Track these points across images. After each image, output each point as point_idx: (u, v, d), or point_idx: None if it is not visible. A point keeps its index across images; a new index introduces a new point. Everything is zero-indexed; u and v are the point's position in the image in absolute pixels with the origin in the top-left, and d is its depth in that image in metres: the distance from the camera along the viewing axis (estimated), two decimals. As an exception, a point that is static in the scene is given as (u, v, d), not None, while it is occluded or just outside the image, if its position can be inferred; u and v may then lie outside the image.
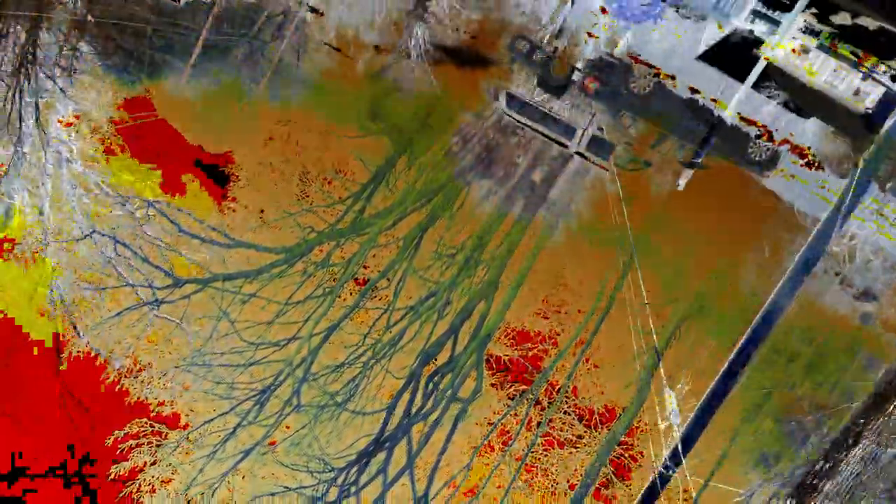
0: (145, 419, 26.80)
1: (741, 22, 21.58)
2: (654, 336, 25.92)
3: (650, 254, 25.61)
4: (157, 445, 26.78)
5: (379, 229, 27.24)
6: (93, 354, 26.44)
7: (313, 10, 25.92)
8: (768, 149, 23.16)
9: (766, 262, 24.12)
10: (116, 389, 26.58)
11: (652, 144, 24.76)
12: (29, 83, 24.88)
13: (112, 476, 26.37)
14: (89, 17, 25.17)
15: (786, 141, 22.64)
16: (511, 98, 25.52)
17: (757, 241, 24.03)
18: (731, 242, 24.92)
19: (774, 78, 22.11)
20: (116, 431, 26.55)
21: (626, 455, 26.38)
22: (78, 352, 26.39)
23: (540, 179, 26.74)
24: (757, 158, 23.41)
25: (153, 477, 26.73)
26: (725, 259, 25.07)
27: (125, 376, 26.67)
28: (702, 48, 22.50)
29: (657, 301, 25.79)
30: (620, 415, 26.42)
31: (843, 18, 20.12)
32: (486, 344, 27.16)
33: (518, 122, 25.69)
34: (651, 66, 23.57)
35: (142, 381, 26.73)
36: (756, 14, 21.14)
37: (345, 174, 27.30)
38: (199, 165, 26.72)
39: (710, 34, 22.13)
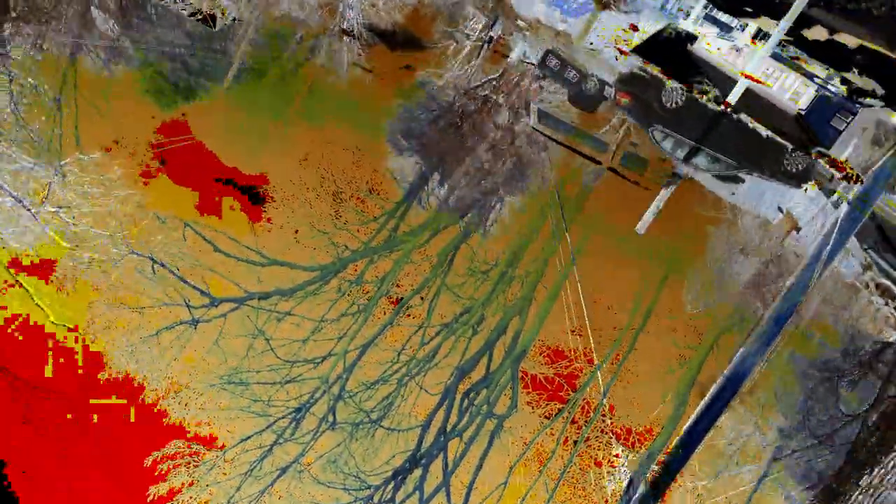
0: (183, 440, 26.87)
1: (688, 24, 21.57)
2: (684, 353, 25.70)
3: (688, 267, 25.37)
4: (195, 466, 26.82)
5: (412, 246, 27.27)
6: (131, 376, 26.65)
7: (346, 32, 26.22)
8: (803, 161, 22.87)
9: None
10: (155, 410, 26.77)
11: (684, 158, 24.51)
12: (68, 108, 25.41)
13: (151, 497, 26.45)
14: (127, 43, 25.70)
15: (822, 153, 22.35)
16: (542, 114, 25.50)
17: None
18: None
19: (707, 74, 22.03)
20: (155, 452, 26.65)
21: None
22: (117, 374, 26.67)
23: (573, 194, 26.65)
24: (792, 170, 23.09)
25: (191, 498, 26.77)
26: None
27: (163, 397, 26.83)
28: (635, 42, 22.54)
29: (695, 315, 25.55)
30: (658, 433, 26.02)
31: (817, 34, 20.10)
32: (520, 360, 26.97)
33: (549, 138, 25.64)
34: (682, 81, 23.46)
35: (179, 402, 26.86)
36: (708, 18, 21.14)
37: (378, 192, 27.44)
38: (235, 186, 27.02)
39: (644, 29, 22.14)
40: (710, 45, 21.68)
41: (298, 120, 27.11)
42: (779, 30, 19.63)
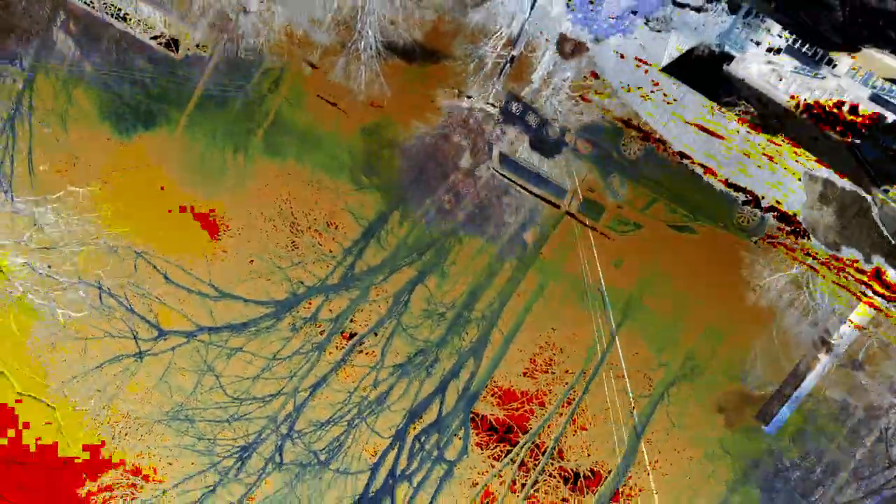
0: (121, 470, 26.14)
1: (760, 58, 20.88)
2: (635, 401, 25.87)
3: (642, 316, 25.62)
4: (131, 499, 26.07)
5: (369, 284, 27.07)
6: (69, 402, 25.92)
7: (311, 64, 26.11)
8: (755, 215, 23.33)
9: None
10: (94, 440, 26.03)
11: (642, 208, 24.87)
12: (22, 130, 24.84)
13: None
14: (87, 66, 25.24)
15: (773, 208, 22.79)
16: (504, 157, 25.67)
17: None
18: (723, 305, 24.94)
19: (744, 95, 22.02)
20: (90, 483, 25.83)
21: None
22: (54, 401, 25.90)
23: (532, 239, 26.83)
24: (744, 224, 23.55)
25: (126, 532, 26.05)
26: (716, 322, 25.10)
27: (102, 428, 26.13)
28: (666, 60, 22.38)
29: (648, 364, 25.78)
30: (606, 478, 26.10)
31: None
32: (472, 404, 26.88)
33: (510, 181, 25.82)
34: (641, 130, 23.80)
35: (119, 433, 26.15)
36: (788, 51, 20.25)
37: (336, 228, 27.21)
38: (191, 213, 26.60)
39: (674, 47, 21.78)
40: (750, 67, 20.99)
41: (259, 152, 26.86)
42: None
